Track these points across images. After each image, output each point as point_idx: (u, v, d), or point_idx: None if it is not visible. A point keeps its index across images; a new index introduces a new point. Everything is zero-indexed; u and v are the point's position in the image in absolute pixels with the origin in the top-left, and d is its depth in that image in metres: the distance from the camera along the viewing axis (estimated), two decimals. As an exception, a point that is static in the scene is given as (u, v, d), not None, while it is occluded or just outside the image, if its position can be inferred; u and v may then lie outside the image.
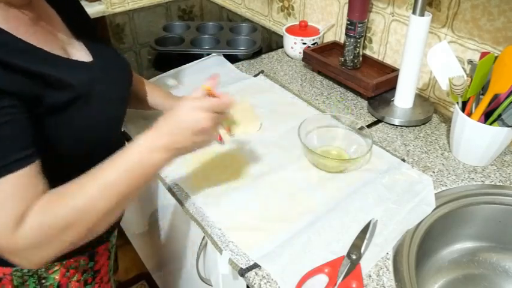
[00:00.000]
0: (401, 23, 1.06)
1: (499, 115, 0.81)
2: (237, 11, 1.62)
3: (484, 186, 0.83)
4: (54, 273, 0.70)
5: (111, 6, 1.58)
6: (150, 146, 0.58)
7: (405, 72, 0.97)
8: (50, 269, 0.69)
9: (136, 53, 1.32)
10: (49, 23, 0.64)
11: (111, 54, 0.75)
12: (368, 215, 0.75)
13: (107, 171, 0.56)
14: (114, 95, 0.69)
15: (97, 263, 0.76)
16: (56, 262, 0.69)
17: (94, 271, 0.76)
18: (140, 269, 1.64)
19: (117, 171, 0.56)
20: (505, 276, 0.82)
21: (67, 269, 0.71)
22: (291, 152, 0.89)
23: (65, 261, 0.70)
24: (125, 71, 0.76)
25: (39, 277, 0.69)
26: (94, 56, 0.68)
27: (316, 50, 1.19)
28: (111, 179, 0.55)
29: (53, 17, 0.67)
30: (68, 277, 0.71)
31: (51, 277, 0.70)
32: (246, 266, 0.66)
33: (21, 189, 0.52)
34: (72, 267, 0.71)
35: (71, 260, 0.71)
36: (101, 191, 0.55)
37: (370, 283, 0.65)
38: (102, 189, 0.55)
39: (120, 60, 0.76)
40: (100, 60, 0.68)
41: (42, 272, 0.69)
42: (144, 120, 0.98)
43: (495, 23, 0.87)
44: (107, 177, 0.55)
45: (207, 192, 0.80)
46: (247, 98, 1.06)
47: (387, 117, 1.00)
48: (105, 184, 0.55)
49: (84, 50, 0.68)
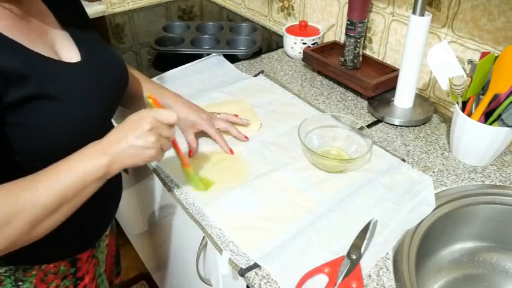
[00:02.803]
0: (401, 23, 1.06)
1: (499, 115, 0.81)
2: (237, 11, 1.62)
3: (484, 186, 0.83)
4: (31, 276, 0.68)
5: (111, 6, 1.58)
6: (89, 151, 0.59)
7: (405, 72, 0.97)
8: (27, 271, 0.67)
9: (136, 53, 1.32)
10: (38, 19, 0.62)
11: (105, 54, 0.72)
12: (368, 215, 0.75)
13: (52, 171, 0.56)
14: (97, 96, 0.65)
15: (80, 269, 0.73)
16: (34, 265, 0.67)
17: (76, 278, 0.73)
18: (140, 269, 1.64)
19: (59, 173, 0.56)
20: (505, 276, 0.82)
21: (45, 274, 0.69)
22: (291, 152, 0.89)
23: (43, 266, 0.68)
24: (118, 72, 0.74)
25: (16, 279, 0.67)
26: (83, 56, 0.66)
27: (316, 50, 1.19)
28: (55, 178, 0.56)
29: (44, 13, 0.65)
30: (45, 282, 0.69)
31: (28, 280, 0.68)
32: (246, 266, 0.66)
33: None
34: (51, 272, 0.69)
35: (50, 265, 0.69)
36: (45, 187, 0.54)
37: (370, 283, 0.65)
38: (46, 185, 0.55)
39: (114, 61, 0.74)
40: (88, 61, 0.66)
41: (19, 274, 0.67)
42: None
43: (495, 23, 0.87)
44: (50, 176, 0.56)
45: (207, 192, 0.80)
46: (247, 98, 1.07)
47: (387, 117, 1.00)
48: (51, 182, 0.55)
49: (73, 48, 0.66)
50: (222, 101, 1.05)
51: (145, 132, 0.60)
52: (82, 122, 0.63)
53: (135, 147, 0.60)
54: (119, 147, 0.59)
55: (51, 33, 0.64)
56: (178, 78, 1.15)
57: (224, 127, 0.90)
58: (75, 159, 0.58)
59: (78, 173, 0.57)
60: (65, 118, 0.60)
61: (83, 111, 0.63)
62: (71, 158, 0.58)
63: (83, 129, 0.63)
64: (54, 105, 0.58)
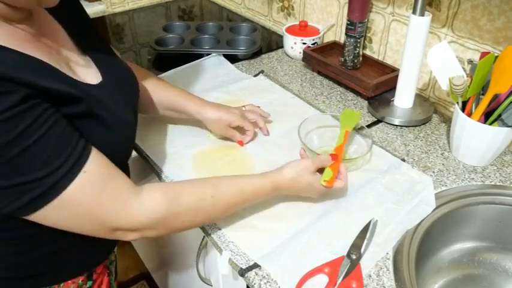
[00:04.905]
0: (401, 23, 1.06)
1: (499, 115, 0.81)
2: (237, 11, 1.62)
3: (484, 186, 0.83)
4: None
5: (111, 6, 1.58)
6: (275, 186, 0.71)
7: (405, 72, 0.97)
8: None
9: (136, 53, 1.32)
10: (52, 39, 0.60)
11: (122, 72, 0.71)
12: (368, 215, 0.75)
13: (239, 181, 0.69)
14: (122, 117, 0.65)
15: (95, 282, 0.74)
16: (54, 284, 0.67)
17: None
18: (140, 269, 1.64)
19: (246, 185, 0.69)
20: (505, 276, 0.82)
21: None
22: (291, 152, 0.89)
23: (62, 284, 0.68)
24: (134, 92, 0.73)
25: None
26: (103, 76, 0.64)
27: (316, 50, 1.19)
28: (240, 187, 0.68)
29: (57, 32, 0.63)
30: None
31: None
32: (246, 266, 0.66)
33: (110, 166, 0.57)
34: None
35: (69, 282, 0.69)
36: (229, 192, 0.67)
37: (370, 283, 0.65)
38: (230, 190, 0.67)
39: (130, 80, 0.73)
40: (109, 81, 0.64)
41: None
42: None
43: (495, 23, 0.87)
44: (238, 184, 0.68)
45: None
46: (247, 98, 1.06)
47: (387, 117, 1.00)
48: (235, 189, 0.68)
49: (92, 67, 0.64)
50: (222, 101, 1.05)
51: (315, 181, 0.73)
52: (122, 143, 0.67)
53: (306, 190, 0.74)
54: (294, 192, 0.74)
55: (66, 53, 0.62)
56: (178, 78, 1.15)
57: (254, 118, 0.92)
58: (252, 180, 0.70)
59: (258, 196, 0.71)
60: (109, 140, 0.61)
61: (124, 135, 0.66)
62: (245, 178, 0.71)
63: (121, 151, 0.68)
64: (101, 127, 0.59)
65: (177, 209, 0.62)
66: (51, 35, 0.61)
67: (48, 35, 0.60)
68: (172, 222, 0.63)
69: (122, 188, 0.58)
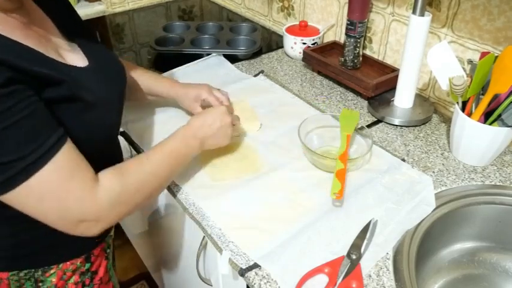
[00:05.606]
0: (401, 23, 1.06)
1: (499, 115, 0.81)
2: (237, 11, 1.62)
3: (484, 186, 0.83)
4: (51, 276, 0.69)
5: (111, 6, 1.58)
6: (187, 134, 0.76)
7: (405, 72, 0.97)
8: (46, 272, 0.69)
9: (136, 53, 1.32)
10: (42, 27, 0.63)
11: (107, 57, 0.73)
12: (368, 215, 0.75)
13: (164, 146, 0.73)
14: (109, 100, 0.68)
15: (93, 264, 0.76)
16: (53, 265, 0.69)
17: (91, 272, 0.76)
18: (140, 269, 1.64)
19: (169, 146, 0.73)
20: (505, 276, 0.82)
21: (64, 272, 0.71)
22: (291, 152, 0.89)
23: (61, 264, 0.70)
24: (120, 75, 0.75)
25: (36, 280, 0.69)
26: (89, 60, 0.67)
27: (316, 50, 1.19)
28: (167, 151, 0.72)
29: (45, 20, 0.66)
30: (64, 280, 0.71)
31: (48, 280, 0.69)
32: (246, 266, 0.66)
33: (78, 158, 0.59)
34: (69, 270, 0.71)
35: (67, 263, 0.71)
36: (162, 159, 0.71)
37: (370, 283, 0.65)
38: (162, 158, 0.71)
39: (116, 64, 0.75)
40: (95, 64, 0.67)
41: (39, 275, 0.68)
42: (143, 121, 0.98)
43: (495, 23, 0.87)
44: (164, 150, 0.72)
45: (207, 192, 0.80)
46: (247, 98, 1.07)
47: (387, 117, 1.00)
48: (163, 155, 0.72)
49: (79, 53, 0.67)
50: (222, 101, 1.05)
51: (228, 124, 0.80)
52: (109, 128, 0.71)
53: (219, 134, 0.80)
54: (207, 133, 0.78)
55: (54, 40, 0.65)
56: (178, 78, 1.14)
57: (220, 97, 0.96)
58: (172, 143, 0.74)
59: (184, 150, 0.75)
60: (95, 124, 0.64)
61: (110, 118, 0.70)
62: (168, 142, 0.74)
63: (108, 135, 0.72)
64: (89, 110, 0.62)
65: (127, 181, 0.64)
66: (40, 23, 0.64)
67: (37, 24, 0.63)
68: (128, 198, 0.65)
69: (88, 177, 0.60)
